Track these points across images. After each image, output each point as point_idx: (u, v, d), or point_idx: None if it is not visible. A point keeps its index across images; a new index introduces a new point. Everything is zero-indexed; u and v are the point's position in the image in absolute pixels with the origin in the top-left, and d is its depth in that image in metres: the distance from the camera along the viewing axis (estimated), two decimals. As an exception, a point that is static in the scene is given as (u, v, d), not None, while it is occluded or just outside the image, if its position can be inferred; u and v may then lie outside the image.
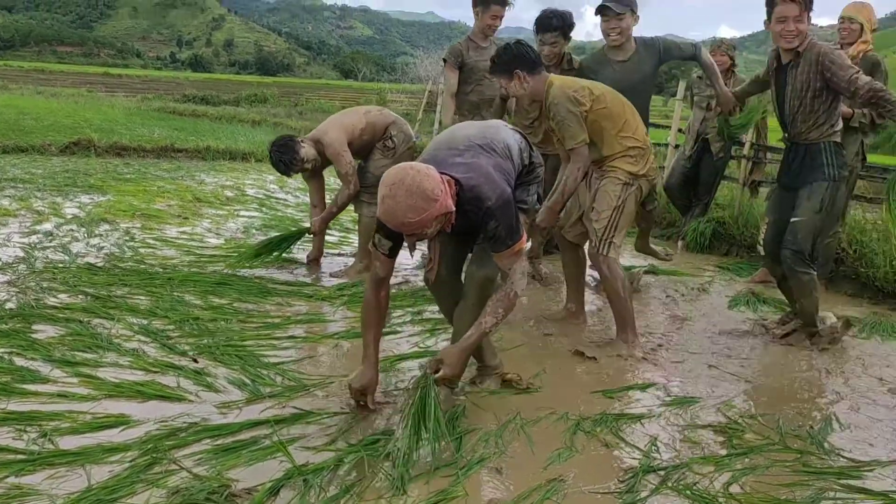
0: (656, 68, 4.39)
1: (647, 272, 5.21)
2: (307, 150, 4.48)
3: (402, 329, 3.78)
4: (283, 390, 2.85)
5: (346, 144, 4.49)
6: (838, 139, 3.67)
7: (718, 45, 6.16)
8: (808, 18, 3.51)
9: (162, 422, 2.49)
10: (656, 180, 3.89)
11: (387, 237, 2.60)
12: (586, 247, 3.88)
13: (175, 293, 3.94)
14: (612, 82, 3.96)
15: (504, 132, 2.88)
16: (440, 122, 5.24)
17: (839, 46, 4.69)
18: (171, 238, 5.31)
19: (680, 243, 6.36)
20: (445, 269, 2.95)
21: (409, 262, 4.84)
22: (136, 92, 31.01)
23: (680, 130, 7.19)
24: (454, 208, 2.43)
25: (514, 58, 3.41)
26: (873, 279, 4.85)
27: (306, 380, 2.98)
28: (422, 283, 4.49)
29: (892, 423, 2.97)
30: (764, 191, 6.84)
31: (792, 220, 3.67)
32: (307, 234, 4.89)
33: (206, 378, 2.89)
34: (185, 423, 2.49)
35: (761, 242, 4.14)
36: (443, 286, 2.99)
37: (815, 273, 3.75)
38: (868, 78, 3.46)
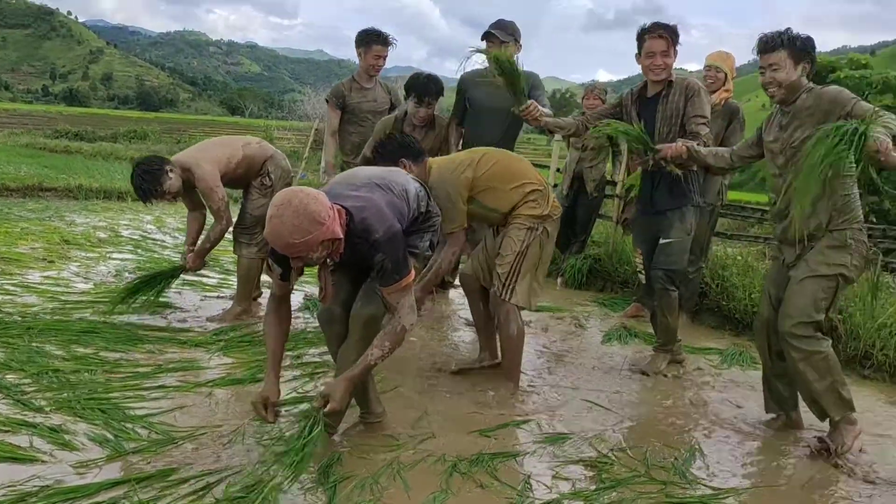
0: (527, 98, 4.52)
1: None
2: (172, 182, 4.16)
3: (281, 374, 3.69)
4: (150, 445, 2.71)
5: (219, 178, 4.29)
6: (694, 167, 3.90)
7: (591, 89, 6.47)
8: (675, 53, 3.83)
9: (10, 486, 2.31)
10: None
11: (277, 262, 2.64)
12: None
13: (34, 343, 3.69)
14: (488, 101, 4.30)
15: (404, 178, 2.97)
16: (325, 161, 5.20)
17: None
18: (34, 283, 4.99)
19: (559, 280, 6.57)
20: (340, 306, 2.93)
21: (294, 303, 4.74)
22: (2, 127, 29.22)
23: (558, 170, 7.46)
24: (341, 236, 2.48)
25: (398, 147, 3.48)
26: (734, 312, 5.16)
27: (175, 432, 2.84)
28: (301, 326, 4.43)
29: (750, 450, 3.16)
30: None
31: (663, 241, 3.92)
32: (182, 273, 4.66)
33: (64, 435, 2.71)
34: (35, 486, 2.32)
35: (641, 271, 4.24)
36: (335, 323, 2.95)
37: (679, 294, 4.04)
38: (707, 131, 3.79)
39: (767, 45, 3.06)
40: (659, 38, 3.80)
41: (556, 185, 7.16)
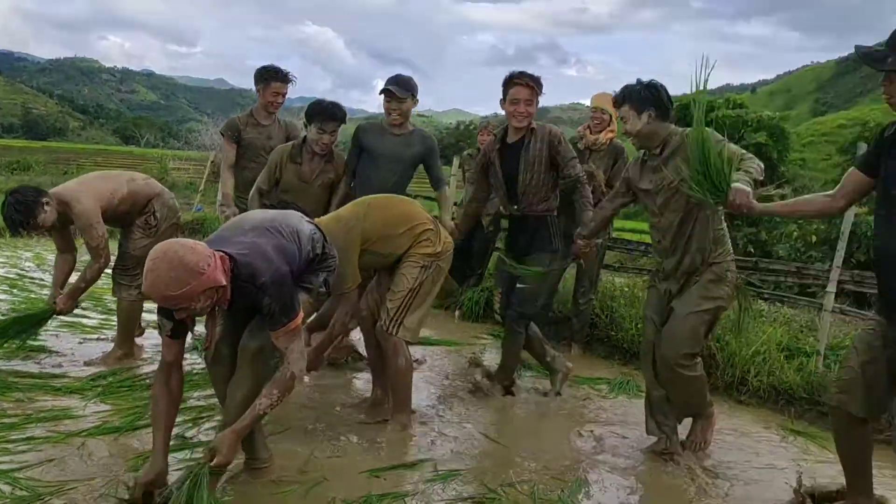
0: (419, 159, 4.54)
1: (421, 343, 5.33)
2: (47, 216, 3.89)
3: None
4: (13, 502, 2.54)
5: (100, 214, 4.07)
6: (556, 214, 4.14)
7: (486, 126, 6.62)
8: (537, 102, 3.98)
9: None
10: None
11: (167, 317, 2.56)
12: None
13: None
14: (385, 150, 4.32)
15: (297, 220, 2.95)
16: (222, 194, 5.05)
17: (587, 131, 5.26)
18: None
19: (457, 313, 6.62)
20: (229, 346, 2.85)
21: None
22: None
23: (456, 204, 7.55)
24: (225, 283, 2.44)
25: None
26: (622, 342, 5.33)
27: (43, 488, 2.68)
28: (187, 369, 4.26)
29: (635, 479, 3.25)
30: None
31: (520, 286, 4.08)
32: (55, 315, 4.34)
33: (-88, 499, 2.51)
34: None
35: (498, 310, 4.43)
36: (222, 364, 2.87)
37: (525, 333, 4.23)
38: (580, 168, 4.05)
39: (616, 101, 3.41)
40: (524, 86, 3.95)
41: (453, 219, 7.24)
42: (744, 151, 3.18)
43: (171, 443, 3.14)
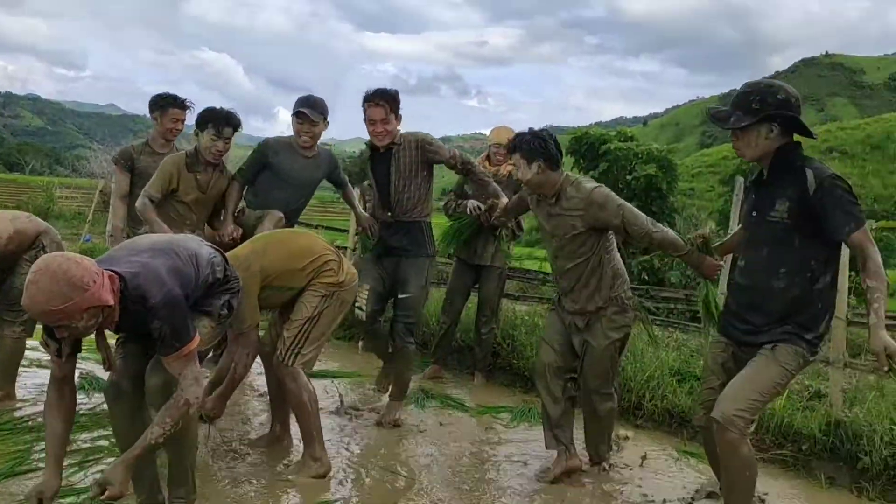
0: (324, 178, 4.64)
1: (323, 376, 5.25)
2: None
3: (99, 455, 3.40)
4: None
5: None
6: (430, 220, 4.31)
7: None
8: (397, 118, 4.12)
9: None
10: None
11: (50, 335, 2.45)
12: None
13: None
14: (295, 171, 4.30)
15: (195, 244, 2.85)
16: (112, 225, 4.83)
17: (486, 162, 5.36)
18: None
19: (360, 344, 6.54)
20: (130, 380, 2.73)
21: (106, 375, 4.36)
22: None
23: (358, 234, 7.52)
24: (111, 303, 2.34)
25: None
26: (524, 370, 5.41)
27: None
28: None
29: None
30: (433, 291, 7.35)
31: (402, 296, 4.15)
32: None
33: None
34: None
35: (363, 308, 4.16)
36: (123, 399, 2.74)
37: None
38: (460, 153, 4.31)
39: (508, 149, 3.60)
40: (377, 105, 4.06)
41: (354, 250, 7.22)
42: (645, 221, 3.41)
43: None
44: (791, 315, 2.70)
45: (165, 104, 4.76)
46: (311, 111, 4.28)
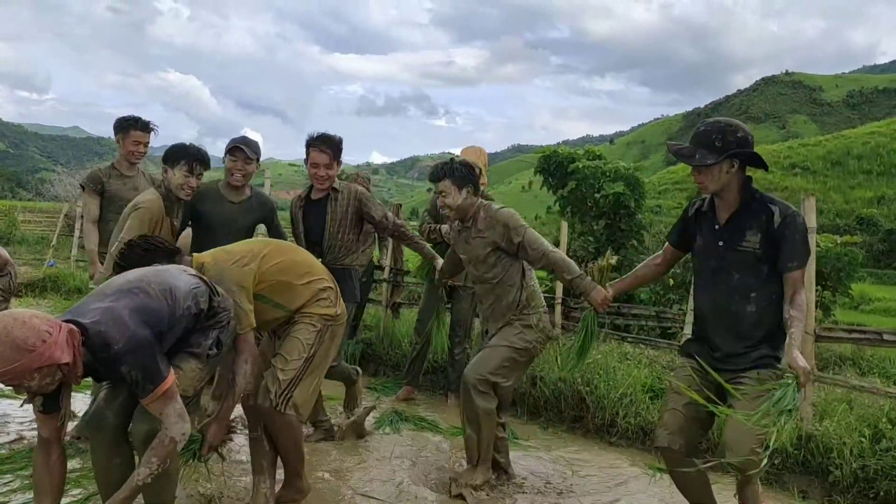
0: (258, 223, 4.43)
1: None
2: None
3: (11, 498, 3.24)
4: None
5: None
6: (360, 268, 4.40)
7: (356, 178, 6.62)
8: (337, 164, 4.18)
9: None
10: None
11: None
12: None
13: None
14: (222, 219, 4.10)
15: (172, 276, 2.70)
16: (80, 248, 4.73)
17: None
18: None
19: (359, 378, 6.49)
20: (115, 412, 2.64)
21: (24, 415, 4.23)
22: None
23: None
24: (65, 360, 2.23)
25: (145, 252, 2.97)
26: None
27: None
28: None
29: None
30: (405, 311, 7.35)
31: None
32: None
33: None
34: None
35: None
36: (105, 431, 2.64)
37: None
38: (394, 217, 4.38)
39: (434, 175, 3.69)
40: (322, 152, 4.11)
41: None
42: (544, 242, 3.62)
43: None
44: (764, 339, 2.81)
45: (127, 126, 4.69)
46: (248, 149, 4.17)
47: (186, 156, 3.92)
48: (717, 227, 2.90)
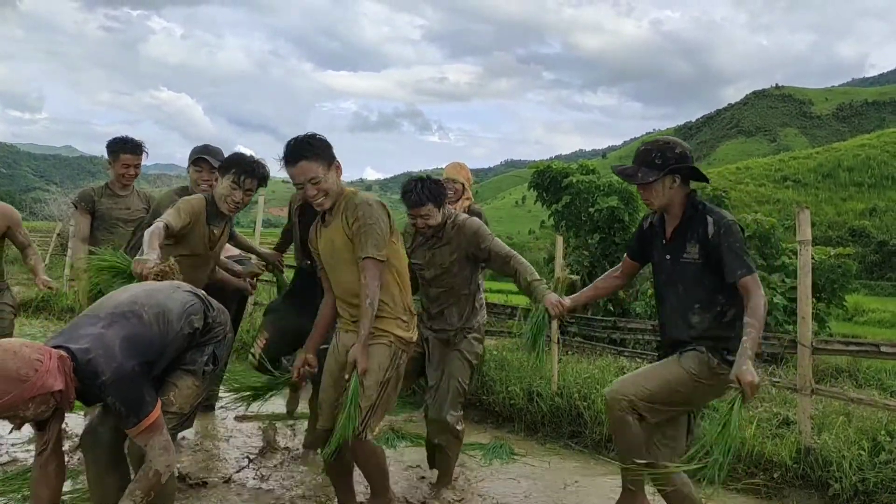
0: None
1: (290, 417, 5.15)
2: None
3: None
4: None
5: None
6: None
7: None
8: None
9: None
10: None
11: None
12: None
13: None
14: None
15: (165, 295, 2.67)
16: (71, 267, 4.71)
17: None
18: None
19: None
20: (110, 430, 2.59)
21: (18, 436, 4.18)
22: None
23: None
24: (58, 387, 2.23)
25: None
26: (494, 405, 5.37)
27: None
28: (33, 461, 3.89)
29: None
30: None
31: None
32: None
33: None
34: None
35: (255, 355, 4.00)
36: (100, 448, 2.61)
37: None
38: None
39: (416, 202, 3.67)
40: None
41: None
42: (507, 250, 3.77)
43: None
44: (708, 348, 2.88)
45: (117, 149, 4.68)
46: (212, 158, 4.05)
47: (236, 165, 3.66)
48: (664, 241, 3.00)
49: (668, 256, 2.97)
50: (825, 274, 10.15)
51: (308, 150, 2.94)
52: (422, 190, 3.65)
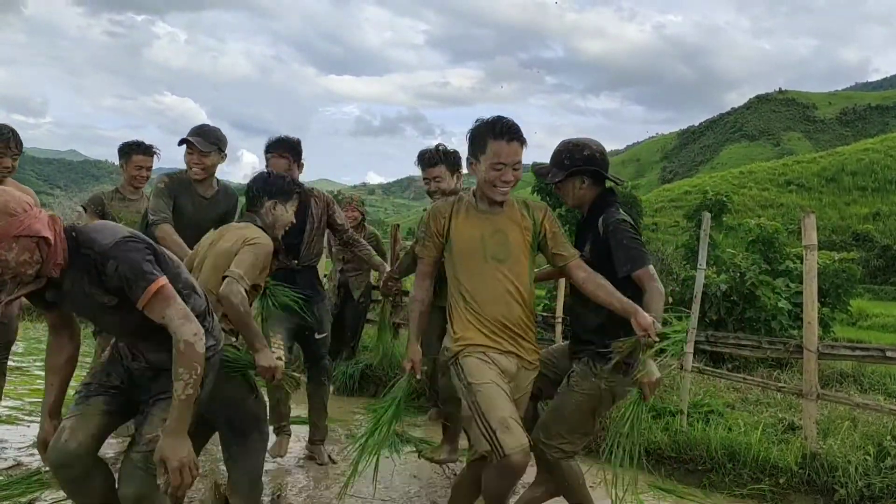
0: (227, 216, 4.18)
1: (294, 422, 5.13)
2: None
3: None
4: None
5: None
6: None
7: (350, 201, 6.64)
8: (298, 167, 4.04)
9: None
10: None
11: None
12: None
13: None
14: (191, 213, 3.95)
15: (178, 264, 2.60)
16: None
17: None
18: None
19: (331, 388, 6.44)
20: (80, 443, 2.40)
21: (22, 440, 4.19)
22: None
23: (325, 276, 7.48)
24: (45, 234, 2.17)
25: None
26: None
27: None
28: (36, 466, 3.89)
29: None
30: (404, 332, 7.31)
31: (319, 336, 4.24)
32: None
33: None
34: None
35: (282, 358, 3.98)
36: (71, 467, 2.39)
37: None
38: (351, 229, 4.46)
39: (430, 161, 3.72)
40: (280, 157, 3.97)
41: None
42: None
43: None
44: (595, 340, 2.88)
45: (129, 150, 4.75)
46: (200, 140, 3.93)
47: (298, 192, 3.51)
48: (576, 238, 3.15)
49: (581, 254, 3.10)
50: (829, 278, 10.13)
51: None
52: (437, 152, 3.72)
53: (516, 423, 2.57)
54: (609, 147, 3.45)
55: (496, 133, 2.75)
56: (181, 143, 3.96)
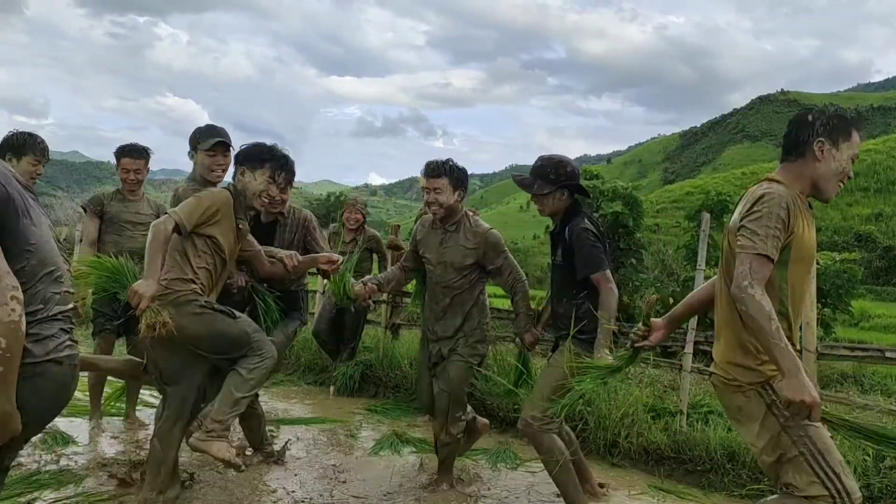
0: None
1: (294, 423, 5.15)
2: None
3: None
4: None
5: None
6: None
7: (353, 204, 6.63)
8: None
9: None
10: None
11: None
12: None
13: None
14: None
15: None
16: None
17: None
18: None
19: (332, 388, 6.47)
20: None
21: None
22: None
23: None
24: None
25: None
26: (497, 409, 5.35)
27: None
28: (35, 466, 3.91)
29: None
30: (405, 332, 7.33)
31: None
32: None
33: None
34: None
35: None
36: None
37: None
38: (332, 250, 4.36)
39: (434, 172, 3.75)
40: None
41: (324, 292, 7.17)
42: (519, 270, 3.92)
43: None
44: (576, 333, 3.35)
45: (119, 154, 4.90)
46: (228, 140, 3.91)
47: (272, 159, 3.39)
48: (551, 244, 3.61)
49: (551, 259, 3.61)
50: (831, 279, 10.10)
51: None
52: (443, 165, 3.76)
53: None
54: (611, 148, 3.61)
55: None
56: (213, 146, 3.84)
